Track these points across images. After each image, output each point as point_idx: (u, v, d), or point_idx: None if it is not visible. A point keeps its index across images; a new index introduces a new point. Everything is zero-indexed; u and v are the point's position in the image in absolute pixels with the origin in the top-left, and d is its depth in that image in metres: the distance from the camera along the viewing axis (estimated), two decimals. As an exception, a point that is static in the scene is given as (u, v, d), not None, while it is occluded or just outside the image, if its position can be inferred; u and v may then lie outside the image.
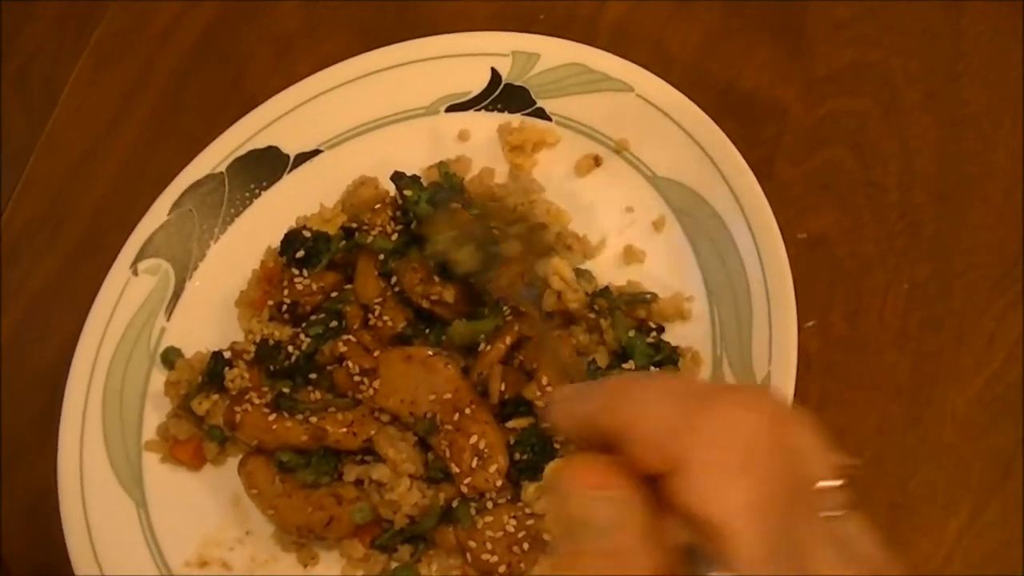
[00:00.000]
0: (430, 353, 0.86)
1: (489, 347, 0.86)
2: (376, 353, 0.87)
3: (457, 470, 0.83)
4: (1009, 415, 0.83)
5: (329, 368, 0.89)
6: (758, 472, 0.44)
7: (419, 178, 0.94)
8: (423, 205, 0.91)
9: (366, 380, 0.86)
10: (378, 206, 0.96)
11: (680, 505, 0.45)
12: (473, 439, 0.83)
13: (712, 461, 0.45)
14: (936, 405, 0.84)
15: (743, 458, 0.45)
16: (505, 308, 0.88)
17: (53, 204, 1.15)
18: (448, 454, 0.84)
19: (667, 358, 0.86)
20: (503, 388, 0.85)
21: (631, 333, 0.87)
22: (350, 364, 0.87)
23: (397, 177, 0.93)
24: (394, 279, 0.90)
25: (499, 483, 0.83)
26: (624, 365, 0.86)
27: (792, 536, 0.44)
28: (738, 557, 0.43)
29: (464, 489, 0.83)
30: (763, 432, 0.45)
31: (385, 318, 0.89)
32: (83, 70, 1.23)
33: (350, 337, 0.88)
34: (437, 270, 0.88)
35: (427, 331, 0.89)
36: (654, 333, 0.88)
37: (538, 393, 0.83)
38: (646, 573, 0.45)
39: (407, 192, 0.92)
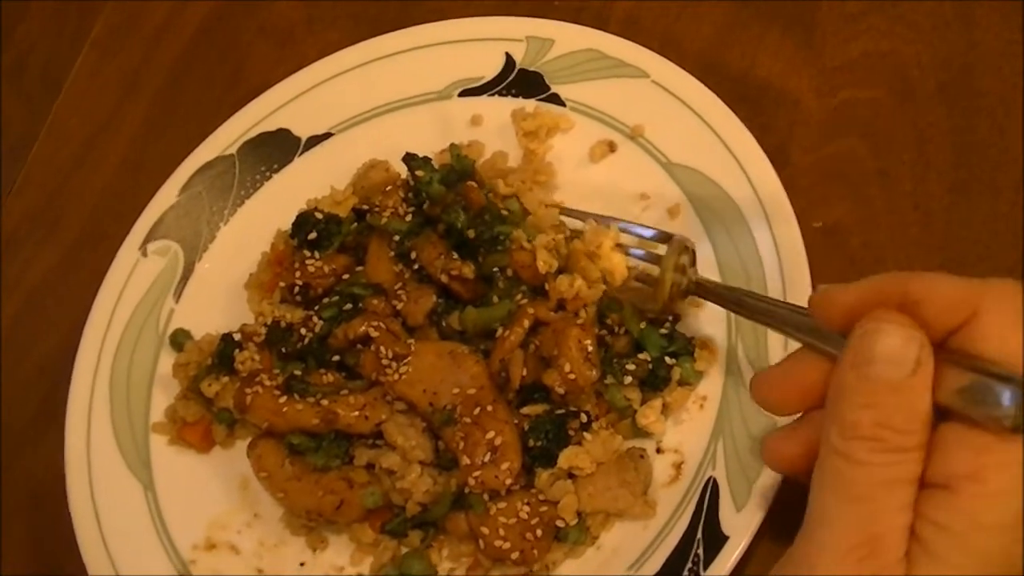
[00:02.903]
0: (464, 350, 0.86)
1: (508, 332, 0.85)
2: (411, 342, 0.87)
3: (468, 462, 0.83)
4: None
5: (359, 347, 0.88)
6: None
7: (431, 159, 0.93)
8: (435, 185, 0.90)
9: (394, 364, 0.85)
10: (389, 188, 0.95)
11: (973, 349, 0.55)
12: (490, 435, 0.83)
13: (1007, 310, 0.55)
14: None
15: None
16: (518, 294, 0.87)
17: (53, 196, 1.15)
18: (462, 446, 0.83)
19: (682, 348, 0.86)
20: (524, 373, 0.84)
21: (643, 324, 0.86)
22: (383, 349, 0.86)
23: (409, 158, 0.93)
24: (413, 255, 0.89)
25: (508, 482, 0.82)
26: (640, 355, 0.85)
27: None
28: None
29: (471, 482, 0.82)
30: None
31: (410, 301, 0.88)
32: (84, 62, 1.22)
33: (380, 324, 0.87)
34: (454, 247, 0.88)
35: (454, 311, 0.89)
36: (668, 323, 0.87)
37: (558, 379, 0.83)
38: (927, 406, 0.55)
39: (419, 172, 0.91)
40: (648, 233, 0.88)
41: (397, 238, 0.91)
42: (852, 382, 0.56)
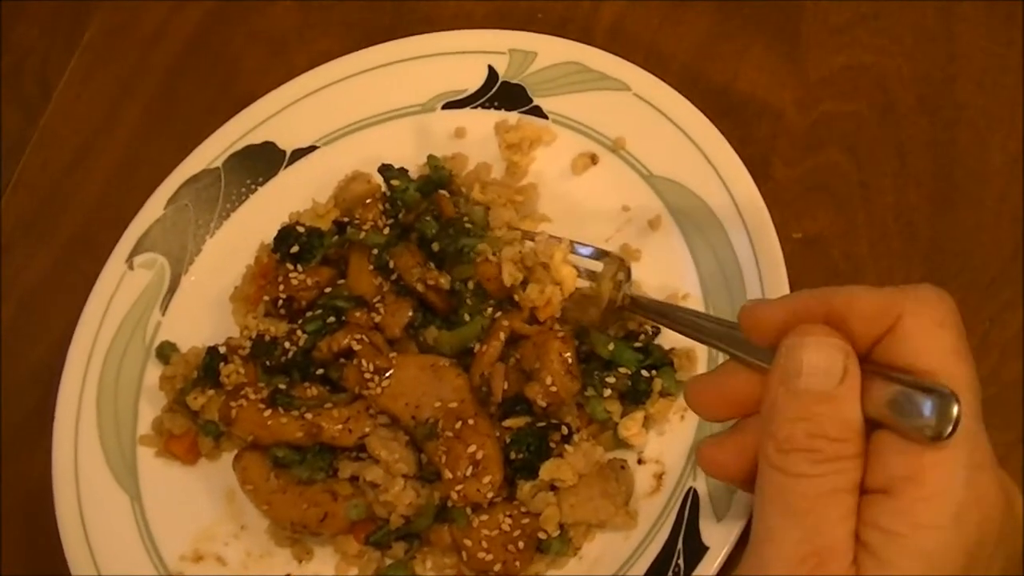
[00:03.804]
0: (445, 363, 0.86)
1: (485, 347, 0.86)
2: (393, 356, 0.87)
3: (450, 476, 0.83)
4: (1003, 417, 0.83)
5: (343, 361, 0.88)
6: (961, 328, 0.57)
7: (406, 170, 0.94)
8: (411, 192, 0.91)
9: (376, 378, 0.86)
10: (369, 201, 0.96)
11: (896, 357, 0.57)
12: (471, 449, 0.83)
13: (926, 314, 0.57)
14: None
15: (952, 316, 0.57)
16: (487, 308, 0.88)
17: (47, 200, 1.15)
18: (444, 460, 0.84)
19: (659, 360, 0.86)
20: (505, 386, 0.85)
21: (611, 346, 0.86)
22: (364, 362, 0.86)
23: (384, 169, 0.94)
24: (391, 264, 0.90)
25: (490, 495, 0.83)
26: (620, 369, 0.86)
27: None
28: (959, 389, 0.54)
29: (454, 496, 0.83)
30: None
31: (387, 314, 0.89)
32: (77, 67, 1.22)
33: (363, 337, 0.88)
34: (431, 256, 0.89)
35: (430, 326, 0.89)
36: (642, 336, 0.88)
37: (540, 392, 0.83)
38: (858, 414, 0.56)
39: (394, 182, 0.92)
40: (587, 251, 0.90)
41: (375, 251, 0.91)
42: (782, 397, 0.57)
